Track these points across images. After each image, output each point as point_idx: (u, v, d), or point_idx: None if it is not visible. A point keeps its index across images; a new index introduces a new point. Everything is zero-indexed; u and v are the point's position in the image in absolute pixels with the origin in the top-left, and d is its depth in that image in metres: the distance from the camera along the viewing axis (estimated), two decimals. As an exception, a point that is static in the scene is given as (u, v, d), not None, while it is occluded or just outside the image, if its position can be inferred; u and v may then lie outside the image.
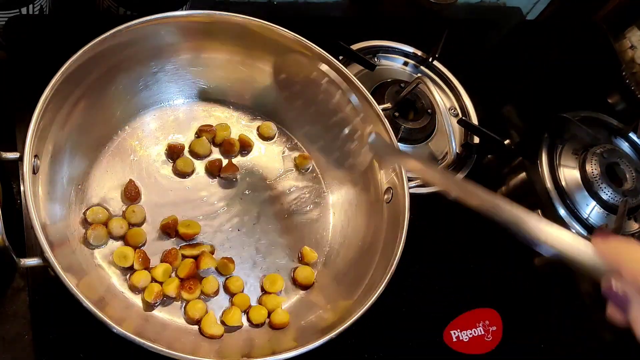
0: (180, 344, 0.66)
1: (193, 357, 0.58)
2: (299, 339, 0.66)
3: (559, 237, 0.50)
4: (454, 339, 0.82)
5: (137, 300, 0.69)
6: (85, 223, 0.71)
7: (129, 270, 0.70)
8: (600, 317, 0.93)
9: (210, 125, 0.81)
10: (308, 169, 0.84)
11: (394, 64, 1.06)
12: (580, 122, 1.02)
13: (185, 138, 0.81)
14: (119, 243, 0.71)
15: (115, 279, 0.69)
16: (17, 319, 0.67)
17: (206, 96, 0.84)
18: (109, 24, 0.68)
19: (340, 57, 0.94)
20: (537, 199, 0.98)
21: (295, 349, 0.60)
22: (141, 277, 0.69)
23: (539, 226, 0.51)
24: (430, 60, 1.06)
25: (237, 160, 0.82)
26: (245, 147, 0.82)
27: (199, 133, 0.81)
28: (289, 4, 1.06)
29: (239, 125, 0.84)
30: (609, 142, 1.04)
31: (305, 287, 0.76)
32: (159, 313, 0.69)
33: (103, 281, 0.68)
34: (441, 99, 0.88)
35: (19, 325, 0.66)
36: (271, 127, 0.85)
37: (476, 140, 0.99)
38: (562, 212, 0.95)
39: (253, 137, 0.84)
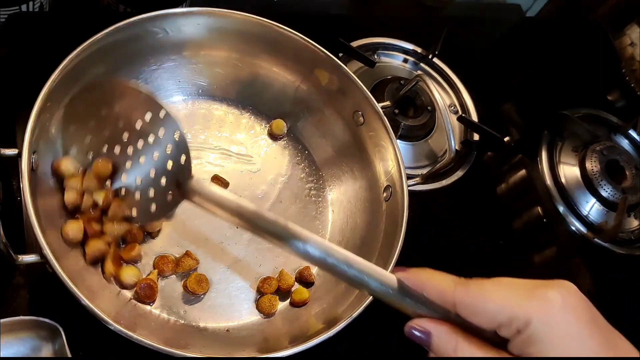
0: (178, 341, 0.66)
1: (191, 355, 0.58)
2: (296, 337, 0.66)
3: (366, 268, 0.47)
4: (453, 336, 0.82)
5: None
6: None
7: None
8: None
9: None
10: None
11: (393, 61, 1.06)
12: (580, 119, 1.03)
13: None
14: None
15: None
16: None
17: (205, 94, 0.84)
18: (108, 20, 0.68)
19: (340, 54, 0.94)
20: (536, 196, 0.98)
21: (294, 347, 0.61)
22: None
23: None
24: (430, 57, 1.06)
25: (238, 160, 0.82)
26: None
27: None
28: (289, 1, 1.06)
29: (239, 122, 0.84)
30: (608, 140, 1.04)
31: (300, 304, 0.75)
32: (157, 311, 0.69)
33: (102, 279, 0.68)
34: (441, 96, 0.87)
35: (19, 322, 0.66)
36: (282, 126, 0.85)
37: (476, 137, 0.99)
38: (561, 209, 0.96)
39: (253, 135, 0.84)
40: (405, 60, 1.07)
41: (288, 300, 0.75)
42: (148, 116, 0.61)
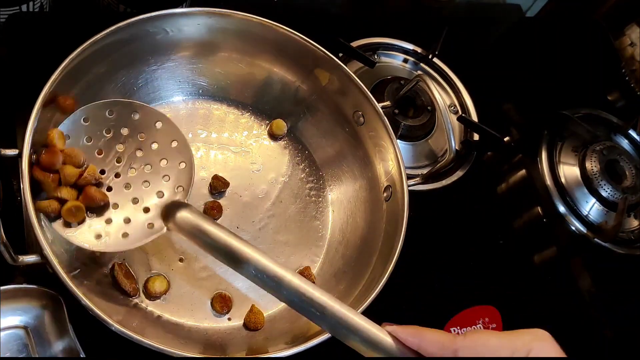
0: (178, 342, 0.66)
1: (191, 355, 0.58)
2: (296, 337, 0.66)
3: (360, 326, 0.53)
4: (454, 336, 0.82)
5: (137, 299, 0.69)
6: None
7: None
8: (600, 315, 0.93)
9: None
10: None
11: (393, 61, 1.06)
12: (580, 119, 1.03)
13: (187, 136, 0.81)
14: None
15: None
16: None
17: (206, 94, 0.84)
18: (108, 20, 0.68)
19: (340, 54, 0.94)
20: (536, 196, 0.98)
21: (294, 347, 0.61)
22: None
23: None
24: (430, 57, 1.06)
25: (238, 159, 0.82)
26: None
27: None
28: (289, 1, 1.06)
29: (239, 122, 0.84)
30: (608, 140, 1.04)
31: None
32: (158, 311, 0.69)
33: (103, 279, 0.68)
34: (441, 96, 0.87)
35: (19, 323, 0.66)
36: (283, 125, 0.85)
37: (476, 137, 0.99)
38: (561, 209, 0.95)
39: (253, 134, 0.84)
40: (405, 60, 1.07)
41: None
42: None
